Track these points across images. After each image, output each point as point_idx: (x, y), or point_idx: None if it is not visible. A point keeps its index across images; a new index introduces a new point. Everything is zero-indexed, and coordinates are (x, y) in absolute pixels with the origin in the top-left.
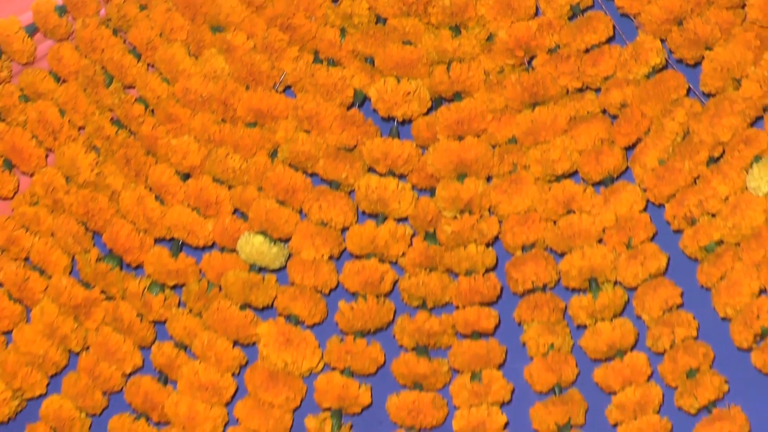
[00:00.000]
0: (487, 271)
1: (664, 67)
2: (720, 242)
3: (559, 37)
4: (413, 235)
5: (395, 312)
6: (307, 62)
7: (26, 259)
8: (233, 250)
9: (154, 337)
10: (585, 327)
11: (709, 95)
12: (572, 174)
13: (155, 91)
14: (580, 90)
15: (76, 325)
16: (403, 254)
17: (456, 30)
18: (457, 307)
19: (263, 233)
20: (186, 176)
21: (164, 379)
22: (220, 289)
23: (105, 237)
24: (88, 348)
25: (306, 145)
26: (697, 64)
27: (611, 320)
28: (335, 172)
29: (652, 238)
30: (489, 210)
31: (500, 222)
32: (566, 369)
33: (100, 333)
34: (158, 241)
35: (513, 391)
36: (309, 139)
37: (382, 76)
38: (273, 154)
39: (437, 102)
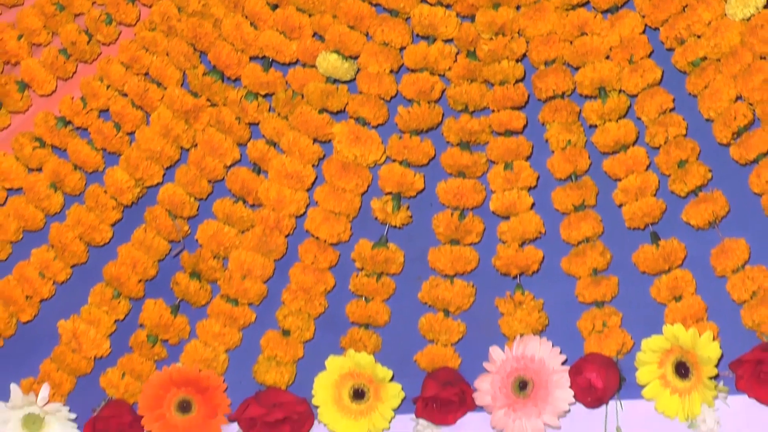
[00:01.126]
0: (517, 81)
1: None
2: (704, 58)
3: None
4: (457, 53)
5: (443, 115)
6: None
7: (146, 74)
8: (313, 66)
9: (249, 136)
10: (596, 126)
11: None
12: (585, 3)
13: None
14: None
15: (187, 126)
16: (450, 68)
17: None
18: (493, 111)
19: (337, 52)
20: (275, 6)
21: (258, 169)
22: (303, 96)
23: (210, 56)
24: (196, 145)
25: None
26: None
27: (617, 121)
28: (395, 3)
29: (650, 55)
30: (518, 32)
31: (527, 42)
32: (581, 160)
33: (205, 133)
34: (252, 58)
35: (538, 178)
36: None
37: None
38: None
39: None
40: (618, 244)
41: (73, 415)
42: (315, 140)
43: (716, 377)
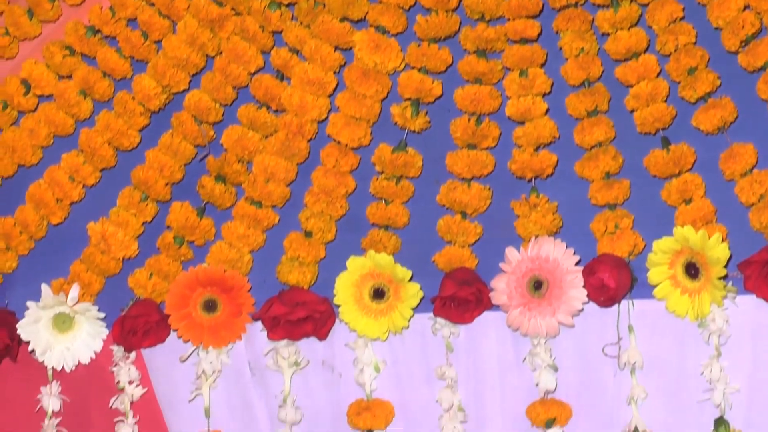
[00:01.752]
0: None
1: None
2: None
3: None
4: None
5: (460, 23)
6: None
7: None
8: None
9: (272, 44)
10: (608, 34)
11: None
12: None
13: None
14: None
15: (212, 35)
16: None
17: None
18: (509, 19)
19: None
20: None
21: (281, 76)
22: (324, 6)
23: None
24: (221, 52)
25: None
26: None
27: (628, 29)
28: None
29: None
30: None
31: None
32: (593, 67)
33: (230, 41)
34: None
35: (552, 85)
36: None
37: None
38: None
39: None
40: (630, 148)
41: (101, 315)
42: (336, 48)
43: (725, 278)
